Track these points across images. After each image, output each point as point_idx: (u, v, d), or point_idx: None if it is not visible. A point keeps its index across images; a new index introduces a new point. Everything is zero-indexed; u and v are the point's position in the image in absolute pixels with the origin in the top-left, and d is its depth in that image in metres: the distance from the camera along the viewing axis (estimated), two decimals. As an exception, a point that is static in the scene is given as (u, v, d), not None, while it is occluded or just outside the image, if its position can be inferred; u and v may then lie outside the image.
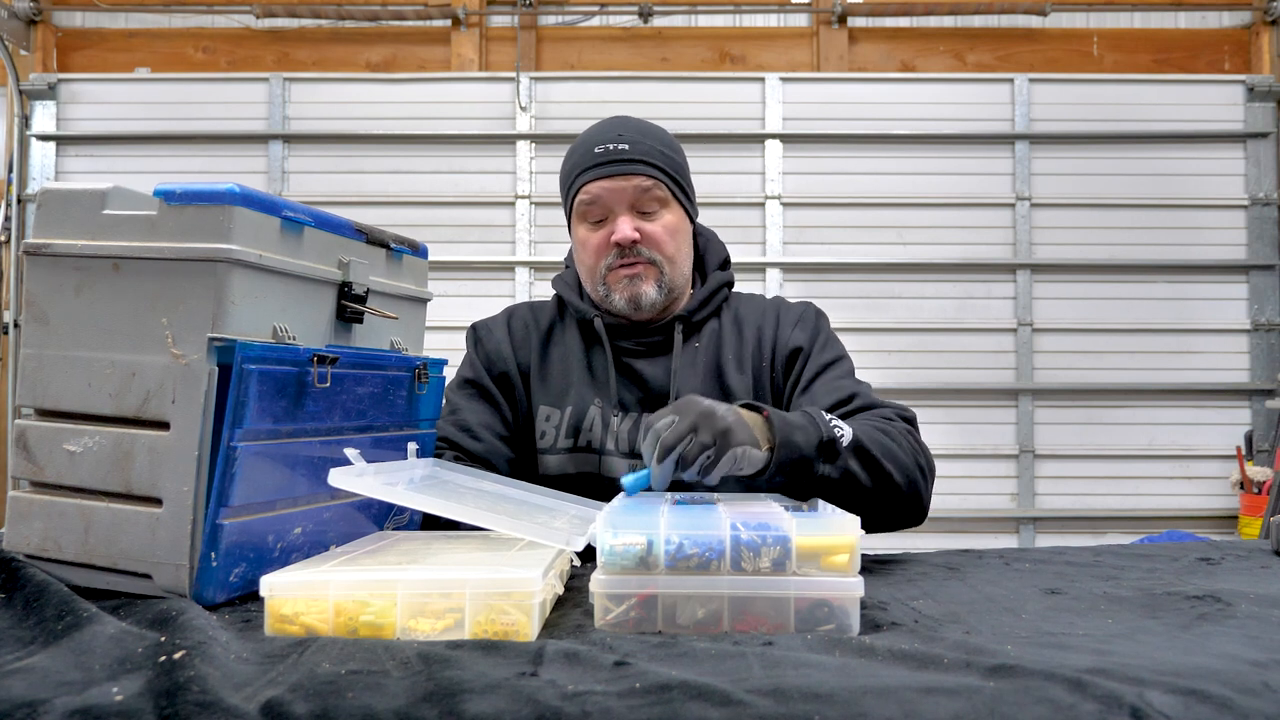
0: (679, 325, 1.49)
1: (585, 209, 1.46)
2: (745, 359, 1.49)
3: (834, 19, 4.42)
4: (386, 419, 1.20)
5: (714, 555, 0.84)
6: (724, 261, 1.59)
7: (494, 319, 1.59)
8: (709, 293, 1.53)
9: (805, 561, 0.84)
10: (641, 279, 1.44)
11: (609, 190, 1.43)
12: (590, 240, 1.46)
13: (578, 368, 1.50)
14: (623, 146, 1.43)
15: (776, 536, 0.84)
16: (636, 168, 1.43)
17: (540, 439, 1.48)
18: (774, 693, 0.66)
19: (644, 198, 1.44)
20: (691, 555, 0.84)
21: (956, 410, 4.15)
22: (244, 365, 0.93)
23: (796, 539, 0.84)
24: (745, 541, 0.84)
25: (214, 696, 0.64)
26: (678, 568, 0.84)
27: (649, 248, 1.44)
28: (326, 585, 0.83)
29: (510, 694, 0.65)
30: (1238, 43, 4.46)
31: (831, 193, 4.22)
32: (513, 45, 4.37)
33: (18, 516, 0.99)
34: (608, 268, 1.45)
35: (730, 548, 0.84)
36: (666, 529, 0.85)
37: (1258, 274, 4.20)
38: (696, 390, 1.45)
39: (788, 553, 0.84)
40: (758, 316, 1.53)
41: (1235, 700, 0.64)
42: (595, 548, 0.87)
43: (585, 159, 1.45)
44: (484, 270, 4.19)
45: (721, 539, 0.84)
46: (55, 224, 0.99)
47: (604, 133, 1.47)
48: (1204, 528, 4.09)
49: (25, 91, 4.22)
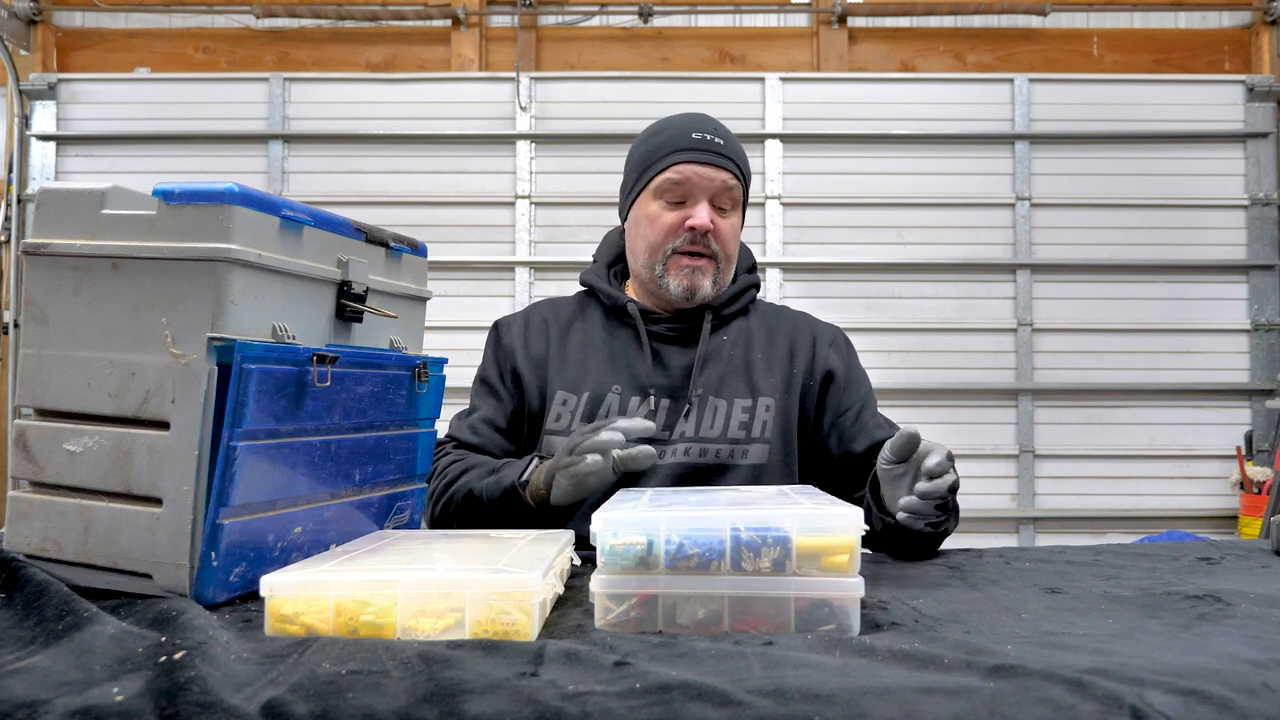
0: (708, 315, 1.51)
1: (670, 187, 1.47)
2: (775, 363, 1.52)
3: (834, 19, 4.42)
4: (386, 418, 1.19)
5: (714, 555, 0.84)
6: (751, 266, 1.63)
7: (514, 315, 1.62)
8: (738, 290, 1.57)
9: (805, 561, 0.84)
10: (702, 272, 1.48)
11: (701, 175, 1.46)
12: (664, 218, 1.48)
13: (598, 354, 1.51)
14: (719, 140, 1.48)
15: (776, 537, 0.84)
16: (728, 163, 1.47)
17: (555, 421, 1.49)
18: (774, 693, 0.65)
19: (725, 194, 1.47)
20: (692, 555, 0.84)
21: (956, 410, 4.15)
22: (244, 365, 0.93)
23: (797, 539, 0.84)
24: (745, 541, 0.84)
25: (214, 696, 0.64)
26: (678, 568, 0.84)
27: (718, 242, 1.48)
28: (327, 585, 0.83)
29: (510, 694, 0.65)
30: (1238, 43, 4.46)
31: (831, 193, 4.22)
32: (513, 45, 4.37)
33: (18, 516, 0.99)
34: (674, 250, 1.47)
35: (730, 548, 0.84)
36: (666, 529, 0.85)
37: (1258, 274, 4.20)
38: (722, 381, 1.49)
39: (788, 553, 0.84)
40: (790, 327, 1.58)
41: (1235, 700, 0.64)
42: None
43: (681, 140, 1.48)
44: (484, 270, 4.19)
45: (721, 539, 0.84)
46: (54, 224, 0.99)
47: (699, 123, 1.50)
48: (1204, 528, 4.09)
49: (25, 91, 4.22)
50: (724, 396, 1.48)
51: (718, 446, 1.45)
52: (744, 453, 1.45)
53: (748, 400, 1.48)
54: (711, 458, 1.45)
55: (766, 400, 1.48)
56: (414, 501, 1.29)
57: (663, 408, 1.47)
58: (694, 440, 1.45)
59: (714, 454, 1.45)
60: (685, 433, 1.46)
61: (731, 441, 1.46)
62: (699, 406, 1.47)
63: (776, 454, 1.47)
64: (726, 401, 1.47)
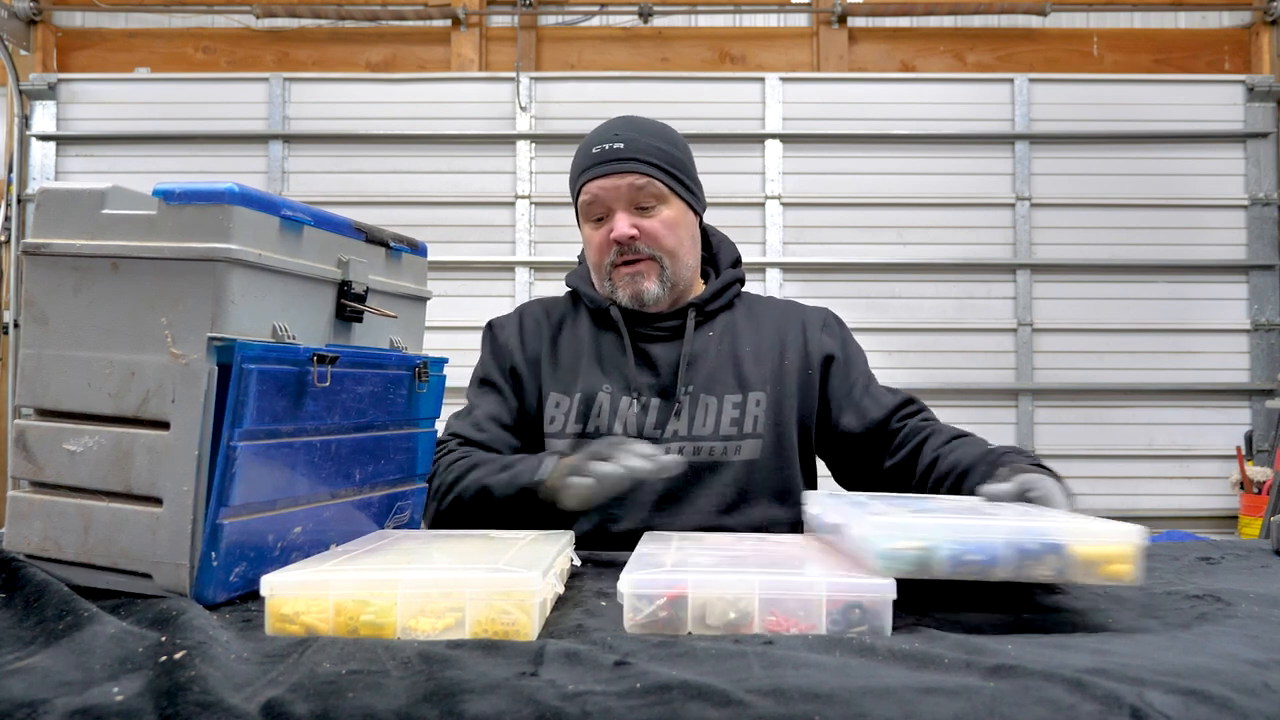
0: (692, 312, 1.52)
1: (587, 208, 1.50)
2: (764, 355, 1.52)
3: (834, 19, 4.42)
4: (386, 418, 1.19)
5: (994, 563, 0.84)
6: (735, 261, 1.63)
7: (507, 316, 1.62)
8: (722, 285, 1.56)
9: (1084, 569, 0.85)
10: (643, 276, 1.48)
11: (605, 189, 1.46)
12: (594, 239, 1.50)
13: (587, 355, 1.52)
14: (618, 145, 1.46)
15: (1054, 544, 0.84)
16: (630, 165, 1.46)
17: (549, 424, 1.50)
18: (774, 693, 0.65)
19: (640, 194, 1.46)
20: (972, 562, 0.84)
21: (956, 410, 4.13)
22: (243, 365, 0.93)
23: (1075, 547, 0.84)
24: (1026, 550, 0.84)
25: (214, 696, 0.64)
26: (959, 573, 0.84)
27: (648, 244, 1.47)
28: (326, 585, 0.83)
29: (510, 694, 0.65)
30: (1238, 43, 4.46)
31: (831, 193, 4.22)
32: (513, 45, 4.37)
33: (18, 516, 0.99)
34: (611, 265, 1.48)
35: (1010, 554, 0.84)
36: (946, 534, 0.85)
37: (1258, 274, 4.20)
38: (711, 378, 1.49)
39: (1067, 560, 0.84)
40: (778, 318, 1.57)
41: (1235, 700, 0.64)
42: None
43: (584, 159, 1.49)
44: (484, 270, 4.19)
45: (1002, 544, 0.84)
46: (54, 224, 0.99)
47: (602, 133, 1.50)
48: (1204, 528, 4.08)
49: (25, 91, 4.22)
50: (714, 393, 1.48)
51: (711, 444, 1.46)
52: (737, 449, 1.46)
53: (738, 396, 1.48)
54: (705, 455, 1.46)
55: (757, 395, 1.48)
56: (414, 501, 1.29)
57: (653, 407, 1.47)
58: (688, 439, 1.46)
59: (708, 451, 1.46)
60: (679, 431, 1.46)
61: (724, 438, 1.46)
62: (690, 405, 1.47)
63: (769, 448, 1.47)
64: (716, 398, 1.48)
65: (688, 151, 1.55)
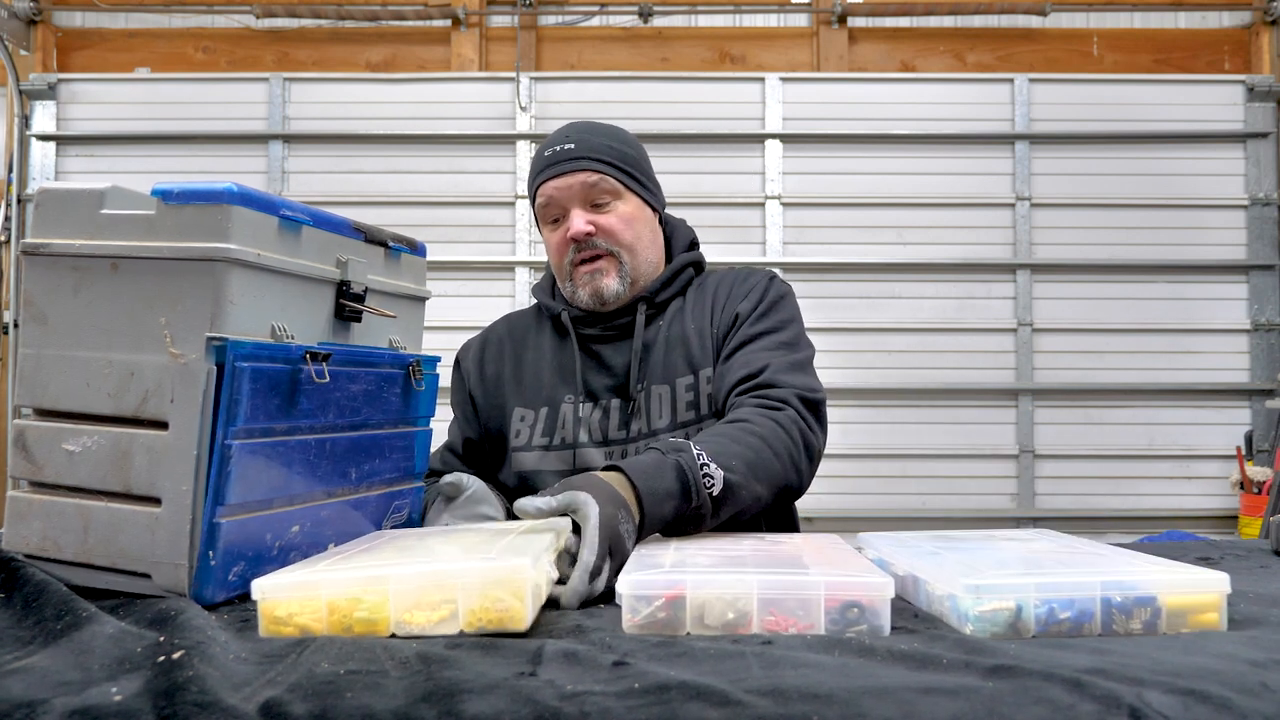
0: (642, 306, 1.50)
1: (543, 211, 1.51)
2: (705, 328, 1.48)
3: (834, 19, 4.42)
4: (382, 416, 1.19)
5: (1085, 619, 0.84)
6: (691, 244, 1.59)
7: (473, 339, 1.64)
8: (672, 272, 1.54)
9: (1174, 620, 0.84)
10: (603, 273, 1.47)
11: (559, 189, 1.47)
12: (552, 240, 1.51)
13: (549, 367, 1.52)
14: (569, 146, 1.48)
15: (1144, 597, 0.84)
16: (582, 164, 1.47)
17: (515, 438, 1.50)
18: (773, 693, 0.65)
19: (593, 191, 1.47)
20: (1064, 620, 0.83)
21: (956, 410, 4.14)
22: (235, 363, 0.93)
23: (1167, 599, 0.84)
24: (1117, 604, 0.84)
25: (213, 696, 0.64)
26: (1049, 632, 0.83)
27: (605, 239, 1.47)
28: (318, 585, 0.83)
29: (509, 694, 0.65)
30: (1238, 43, 4.46)
31: (831, 193, 4.22)
32: (513, 45, 4.37)
33: (17, 516, 0.99)
34: (571, 264, 1.49)
35: (1101, 610, 0.84)
36: (1035, 593, 0.84)
37: (1258, 274, 4.20)
38: (664, 366, 1.45)
39: (1158, 612, 0.84)
40: (715, 286, 1.53)
41: (1234, 700, 0.64)
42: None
43: (538, 164, 1.51)
44: (484, 270, 4.19)
45: (1093, 599, 0.84)
46: (53, 224, 0.99)
47: (554, 138, 1.52)
48: (1204, 528, 4.08)
49: (25, 91, 4.22)
50: (667, 381, 1.45)
51: (670, 435, 1.42)
52: (698, 431, 1.40)
53: (689, 378, 1.45)
54: None
55: (707, 372, 1.44)
56: (412, 500, 1.29)
57: (614, 408, 1.46)
58: (648, 435, 1.44)
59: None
60: (641, 429, 1.44)
61: (682, 425, 1.43)
62: (644, 400, 1.45)
63: None
64: (670, 386, 1.45)
65: (641, 149, 1.55)
